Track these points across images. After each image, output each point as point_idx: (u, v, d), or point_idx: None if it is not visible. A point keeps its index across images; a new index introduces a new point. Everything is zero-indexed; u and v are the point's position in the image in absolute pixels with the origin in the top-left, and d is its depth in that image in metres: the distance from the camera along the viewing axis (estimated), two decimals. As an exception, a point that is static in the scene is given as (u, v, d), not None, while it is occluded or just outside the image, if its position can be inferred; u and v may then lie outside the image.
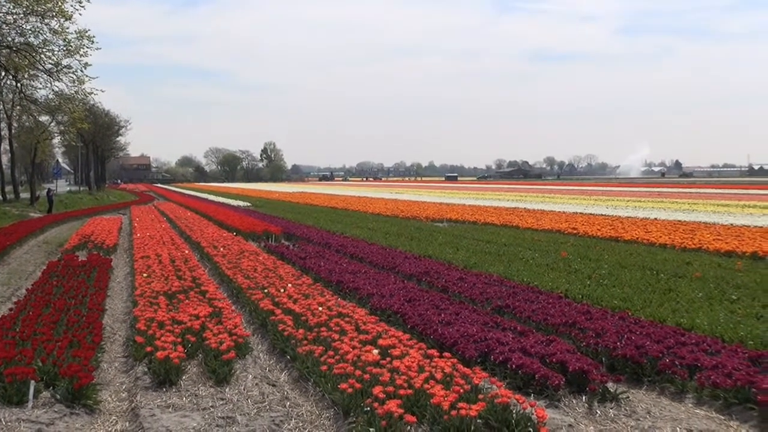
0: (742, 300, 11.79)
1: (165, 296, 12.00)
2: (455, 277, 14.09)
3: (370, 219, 32.88)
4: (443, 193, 68.27)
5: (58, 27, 36.08)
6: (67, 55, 37.27)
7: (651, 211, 34.19)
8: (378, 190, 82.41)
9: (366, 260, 17.51)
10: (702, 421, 6.87)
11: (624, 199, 49.25)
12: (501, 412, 6.48)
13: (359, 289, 12.82)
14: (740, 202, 41.78)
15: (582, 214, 33.41)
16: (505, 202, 45.75)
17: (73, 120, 42.85)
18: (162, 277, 14.00)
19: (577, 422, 6.80)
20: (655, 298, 11.93)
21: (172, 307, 11.24)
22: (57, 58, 37.49)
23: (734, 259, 16.82)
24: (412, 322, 10.12)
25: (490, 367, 8.23)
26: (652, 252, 18.50)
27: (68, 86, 39.00)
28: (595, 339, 9.01)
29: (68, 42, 36.61)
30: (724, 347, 8.69)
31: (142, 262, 16.30)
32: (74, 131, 52.39)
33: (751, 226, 25.14)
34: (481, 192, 69.25)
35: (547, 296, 12.06)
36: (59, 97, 40.76)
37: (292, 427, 6.98)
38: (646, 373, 8.15)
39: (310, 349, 8.63)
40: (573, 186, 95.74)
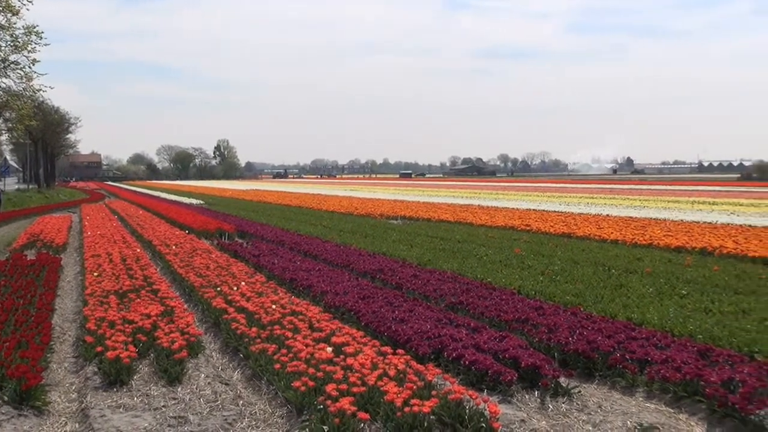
0: (691, 295, 11.96)
1: (116, 295, 11.86)
2: (409, 274, 14.11)
3: (324, 216, 32.79)
4: (398, 190, 68.36)
5: (5, 22, 35.30)
6: (14, 51, 36.51)
7: (603, 208, 34.55)
8: (333, 187, 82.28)
9: (320, 258, 17.47)
10: (652, 415, 6.95)
11: (577, 195, 49.74)
12: (454, 408, 6.50)
13: (313, 287, 12.79)
14: (690, 199, 42.43)
15: (535, 210, 33.63)
16: (459, 199, 45.92)
17: (21, 117, 42.03)
18: (113, 276, 13.83)
19: (530, 417, 6.84)
20: (607, 294, 12.06)
21: (123, 307, 11.11)
22: (4, 54, 36.73)
23: (684, 255, 17.05)
24: (366, 320, 10.11)
25: (443, 364, 8.25)
26: (604, 248, 18.69)
27: (16, 83, 38.23)
28: (548, 334, 9.07)
29: (15, 38, 35.86)
30: (673, 341, 8.80)
31: (93, 261, 16.08)
32: (22, 128, 51.38)
33: (700, 222, 25.54)
34: (435, 189, 69.46)
35: (500, 292, 12.13)
36: (6, 93, 39.95)
37: (245, 425, 6.94)
38: (598, 368, 8.23)
39: (264, 347, 8.58)
40: (527, 183, 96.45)
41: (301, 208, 40.24)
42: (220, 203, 47.73)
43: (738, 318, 10.22)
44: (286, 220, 30.05)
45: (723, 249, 17.22)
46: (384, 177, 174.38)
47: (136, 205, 44.78)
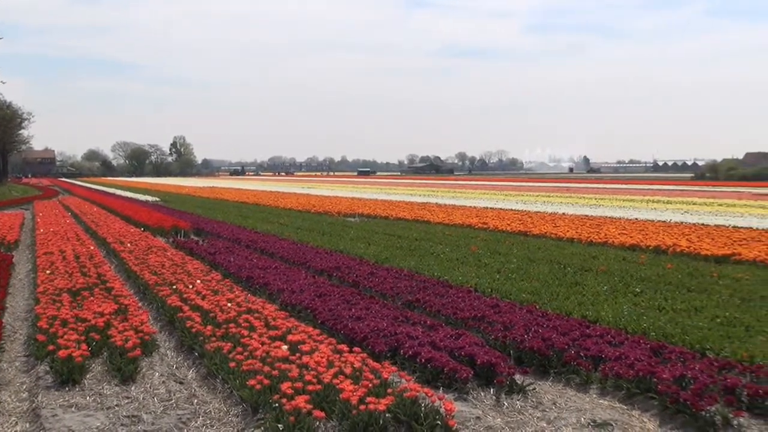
0: (645, 292, 12.10)
1: (69, 293, 11.70)
2: (366, 271, 14.11)
3: (281, 214, 32.66)
4: (355, 188, 68.31)
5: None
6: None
7: (559, 206, 34.82)
8: (290, 185, 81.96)
9: (277, 256, 17.40)
10: (605, 411, 7.01)
11: (533, 194, 50.06)
12: (410, 405, 6.51)
13: (269, 285, 12.73)
14: (645, 197, 42.97)
15: (492, 209, 33.79)
16: (417, 197, 45.98)
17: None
18: (66, 274, 13.64)
19: (485, 414, 6.87)
20: (562, 292, 12.15)
21: (76, 305, 10.96)
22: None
23: (638, 253, 17.25)
24: (323, 318, 10.09)
25: (399, 362, 8.25)
26: (560, 246, 18.84)
27: (-35, 78, 37.53)
28: (504, 332, 9.12)
29: (-35, 32, 35.22)
30: (627, 339, 8.90)
31: (45, 259, 15.85)
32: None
33: (654, 221, 25.87)
34: (393, 187, 69.50)
35: (457, 290, 12.17)
36: (-44, 89, 39.20)
37: (200, 424, 6.88)
38: (553, 365, 8.29)
39: (219, 345, 8.52)
40: (484, 181, 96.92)
41: (259, 206, 40.05)
42: (176, 200, 47.33)
43: (690, 315, 10.35)
44: (242, 218, 29.89)
45: (676, 247, 17.44)
46: (342, 174, 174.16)
47: (91, 201, 44.25)
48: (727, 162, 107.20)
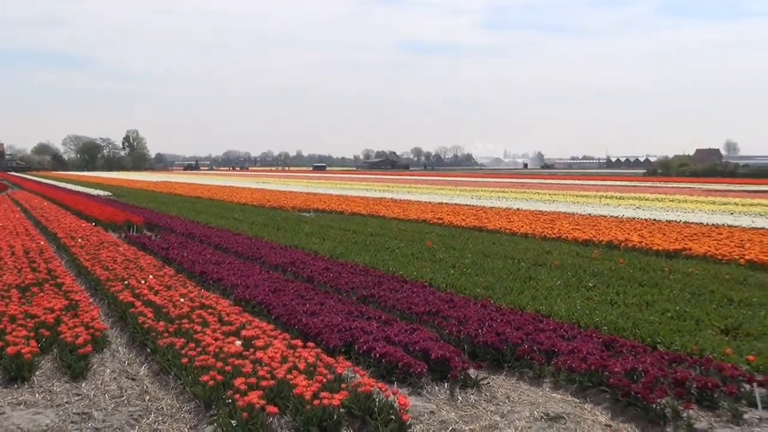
0: (597, 287, 12.22)
1: (17, 289, 11.50)
2: (321, 267, 14.07)
3: (235, 209, 32.47)
4: (311, 183, 68.12)
5: None
6: None
7: (514, 202, 35.08)
8: (245, 179, 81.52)
9: (231, 251, 17.28)
10: (558, 405, 7.06)
11: (488, 189, 50.34)
12: (364, 400, 6.50)
13: (223, 280, 12.64)
14: (598, 193, 43.45)
15: (448, 204, 33.92)
16: (372, 192, 46.01)
17: None
18: (15, 270, 13.40)
19: (439, 409, 6.88)
20: (516, 286, 12.22)
21: (25, 301, 10.77)
22: None
23: (591, 248, 17.42)
24: (277, 313, 10.04)
25: (354, 357, 8.25)
26: (514, 241, 18.95)
27: None
28: (458, 327, 9.14)
29: None
30: (580, 332, 8.98)
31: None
32: None
33: (607, 216, 26.18)
34: (348, 182, 69.43)
35: (412, 285, 12.18)
36: None
37: (152, 421, 6.81)
38: (507, 359, 8.33)
39: (172, 341, 8.42)
40: (439, 177, 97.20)
41: (213, 201, 39.79)
42: (128, 195, 46.82)
43: (642, 309, 10.48)
44: (196, 213, 29.66)
45: (629, 242, 17.65)
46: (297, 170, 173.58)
47: (41, 196, 43.57)
48: (679, 158, 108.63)
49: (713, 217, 25.72)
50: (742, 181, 69.35)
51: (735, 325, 9.47)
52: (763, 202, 33.82)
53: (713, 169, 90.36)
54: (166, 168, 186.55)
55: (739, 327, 9.39)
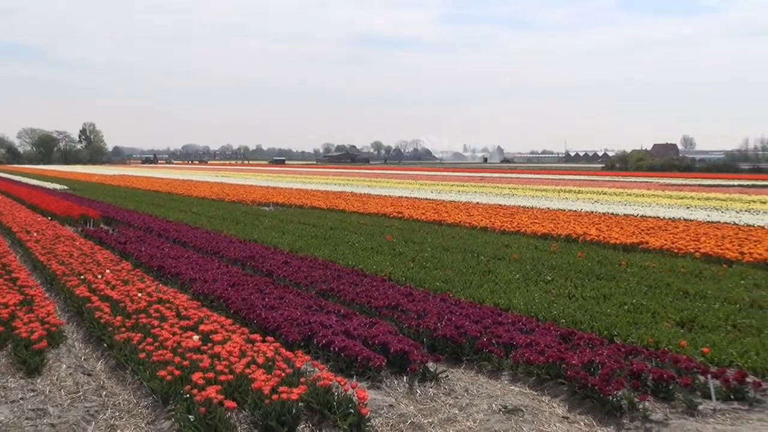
0: (556, 280, 12.32)
1: (-29, 284, 11.31)
2: (280, 261, 14.02)
3: (194, 203, 32.24)
4: (270, 176, 67.85)
5: None
6: None
7: (473, 196, 35.22)
8: (204, 173, 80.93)
9: (189, 245, 17.16)
10: (516, 397, 7.11)
11: (448, 183, 50.48)
12: (323, 394, 6.49)
13: (181, 275, 12.54)
14: (557, 187, 43.75)
15: (408, 198, 33.99)
16: (332, 186, 45.94)
17: None
18: (-32, 264, 13.19)
19: (398, 402, 6.89)
20: (475, 280, 12.28)
21: (-21, 296, 10.60)
22: None
23: (550, 242, 17.55)
24: (236, 307, 9.99)
25: (313, 351, 8.23)
26: (474, 235, 19.03)
27: None
28: (417, 320, 9.16)
29: None
30: (538, 326, 9.04)
31: (-53, 249, 15.30)
32: None
33: (566, 210, 26.43)
34: (308, 176, 69.25)
35: (371, 279, 12.19)
36: None
37: (108, 416, 6.74)
38: (465, 353, 8.37)
39: (129, 336, 8.34)
40: (399, 171, 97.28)
41: (171, 195, 39.47)
42: (85, 189, 46.24)
43: (599, 303, 10.58)
44: (154, 207, 29.39)
45: (587, 236, 17.81)
46: (256, 163, 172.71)
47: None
48: (636, 153, 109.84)
49: (670, 211, 26.05)
50: (698, 175, 70.35)
51: (690, 317, 9.60)
52: (719, 197, 34.33)
53: (670, 163, 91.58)
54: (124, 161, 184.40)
55: (694, 319, 9.51)
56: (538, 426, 6.40)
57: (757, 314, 9.81)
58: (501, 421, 6.48)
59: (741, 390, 6.91)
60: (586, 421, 6.52)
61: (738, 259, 14.20)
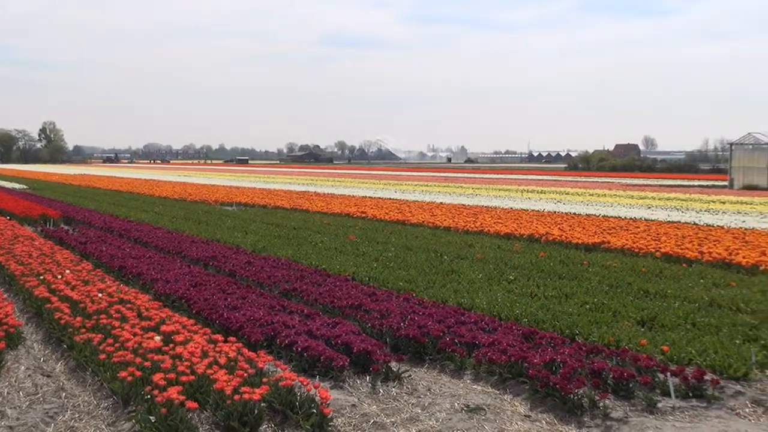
0: (518, 280, 12.38)
1: (-73, 285, 11.14)
2: (243, 261, 13.96)
3: (156, 202, 32.00)
4: (233, 176, 67.55)
5: None
6: None
7: (437, 196, 35.32)
8: (166, 172, 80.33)
9: (151, 245, 17.02)
10: (479, 396, 7.13)
11: (412, 183, 50.58)
12: (285, 394, 6.47)
13: (143, 275, 12.43)
14: (520, 187, 44.00)
15: (371, 198, 34.01)
16: (295, 186, 45.85)
17: None
18: (-75, 265, 12.99)
19: (361, 402, 6.89)
20: (439, 280, 12.31)
21: (-64, 297, 10.44)
22: None
23: (513, 241, 17.65)
24: (198, 307, 9.92)
25: (276, 351, 8.21)
26: (437, 235, 19.08)
27: None
28: (380, 320, 9.17)
29: None
30: (500, 325, 9.07)
31: None
32: None
33: (529, 210, 26.58)
34: (271, 176, 69.02)
35: (334, 279, 12.18)
36: None
37: (68, 418, 6.67)
38: (428, 352, 8.38)
39: (89, 337, 8.25)
40: (363, 170, 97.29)
41: (133, 194, 39.12)
42: (45, 188, 45.68)
43: (561, 302, 10.65)
44: (116, 206, 29.12)
45: (549, 236, 17.92)
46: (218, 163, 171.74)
47: (-46, 189, 42.29)
48: (598, 153, 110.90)
49: (631, 210, 26.34)
50: (659, 175, 71.31)
51: (650, 316, 9.70)
52: (679, 197, 34.76)
53: (632, 164, 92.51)
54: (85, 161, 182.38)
55: (654, 318, 9.61)
56: (500, 425, 6.43)
57: (715, 313, 9.94)
58: (463, 420, 6.50)
59: (700, 388, 6.99)
60: (547, 420, 6.57)
61: (697, 258, 14.37)
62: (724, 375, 7.51)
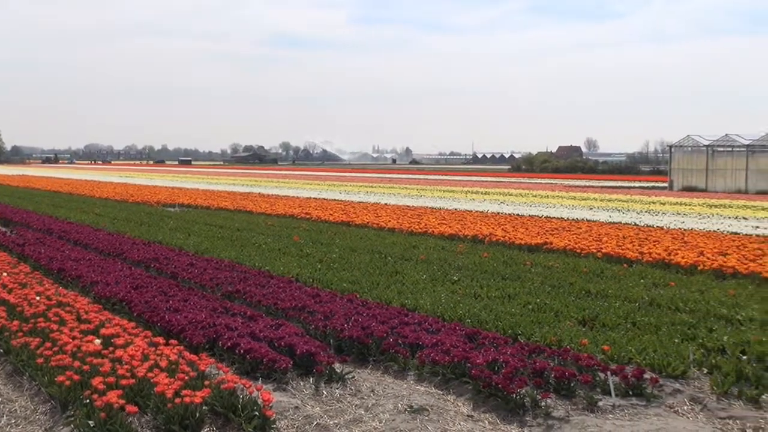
0: (462, 280, 12.44)
1: None
2: (185, 262, 13.81)
3: (97, 204, 31.50)
4: (176, 177, 66.88)
5: None
6: None
7: (382, 197, 35.38)
8: (107, 173, 79.21)
9: (91, 247, 16.75)
10: (422, 397, 7.14)
11: (356, 184, 50.59)
12: (227, 397, 6.41)
13: (83, 277, 12.23)
14: (464, 189, 44.25)
15: (316, 199, 33.93)
16: (239, 187, 45.56)
17: None
18: None
19: (304, 404, 6.85)
20: (383, 281, 12.32)
21: None
22: None
23: (456, 242, 17.73)
24: (139, 310, 9.79)
25: (218, 353, 8.13)
26: (382, 236, 19.09)
27: None
28: (324, 321, 9.13)
29: None
30: (444, 326, 9.09)
31: None
32: None
33: (473, 211, 26.73)
34: (215, 177, 68.48)
35: (278, 280, 12.11)
36: None
37: (4, 424, 6.54)
38: (372, 353, 8.37)
39: (26, 341, 8.08)
40: (308, 171, 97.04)
41: (73, 195, 38.47)
42: (-18, 189, 44.75)
43: (504, 302, 10.72)
44: (55, 208, 28.62)
45: (493, 237, 18.05)
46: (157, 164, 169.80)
47: None
48: (542, 155, 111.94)
49: (573, 212, 26.67)
50: (601, 177, 72.24)
51: (592, 316, 9.81)
52: (620, 198, 35.27)
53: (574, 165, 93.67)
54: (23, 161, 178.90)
55: (595, 318, 9.73)
56: (443, 425, 6.45)
57: (655, 312, 10.09)
58: (406, 421, 6.50)
59: (639, 386, 7.08)
60: (490, 420, 6.60)
61: (638, 258, 14.58)
62: (663, 373, 7.63)
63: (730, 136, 47.10)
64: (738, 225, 21.78)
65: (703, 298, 10.95)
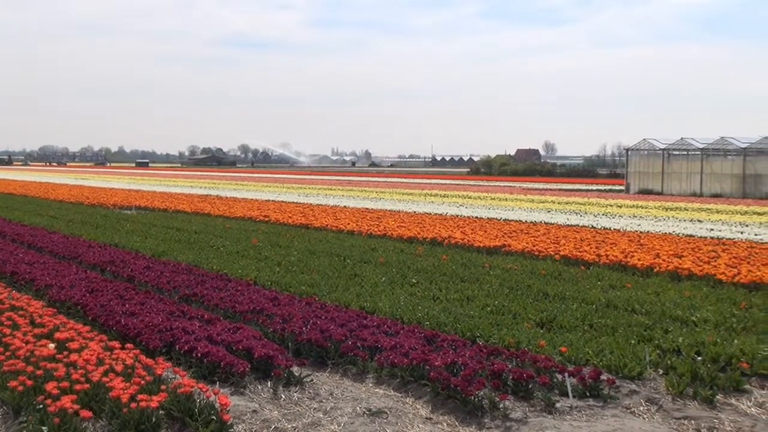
0: (421, 283, 12.46)
1: None
2: (142, 266, 13.67)
3: (52, 206, 31.07)
4: (133, 179, 66.21)
5: None
6: None
7: (341, 199, 35.33)
8: (62, 175, 78.17)
9: (46, 250, 16.52)
10: (381, 399, 7.14)
11: (315, 187, 50.46)
12: (184, 401, 6.35)
13: (36, 281, 12.05)
14: (423, 191, 44.29)
15: (274, 201, 33.82)
16: (197, 189, 45.25)
17: None
18: None
19: (262, 407, 6.81)
20: (342, 284, 12.29)
21: None
22: None
23: (416, 245, 17.75)
24: (94, 314, 9.66)
25: (175, 357, 8.05)
26: (341, 238, 19.06)
27: None
28: (282, 325, 9.09)
29: None
30: (403, 328, 9.09)
31: None
32: None
33: (432, 214, 26.79)
34: (172, 179, 67.90)
35: (236, 283, 12.03)
36: None
37: (-46, 431, 6.40)
38: (331, 356, 8.34)
39: (-23, 346, 7.95)
40: (267, 174, 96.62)
41: (26, 197, 37.94)
42: (-66, 191, 43.96)
43: (463, 304, 10.76)
44: (8, 210, 28.20)
45: (452, 239, 18.09)
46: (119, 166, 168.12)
47: None
48: (500, 158, 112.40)
49: (531, 214, 26.83)
50: (559, 180, 72.76)
51: (549, 318, 9.87)
52: (578, 201, 35.56)
53: (532, 168, 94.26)
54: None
55: (553, 320, 9.79)
56: (402, 427, 6.44)
57: (612, 314, 10.18)
58: (365, 424, 6.49)
59: (596, 387, 7.14)
60: (448, 422, 6.61)
61: (595, 261, 14.72)
62: (619, 374, 7.70)
63: (686, 139, 47.73)
64: (693, 228, 22.07)
65: (659, 299, 11.08)
